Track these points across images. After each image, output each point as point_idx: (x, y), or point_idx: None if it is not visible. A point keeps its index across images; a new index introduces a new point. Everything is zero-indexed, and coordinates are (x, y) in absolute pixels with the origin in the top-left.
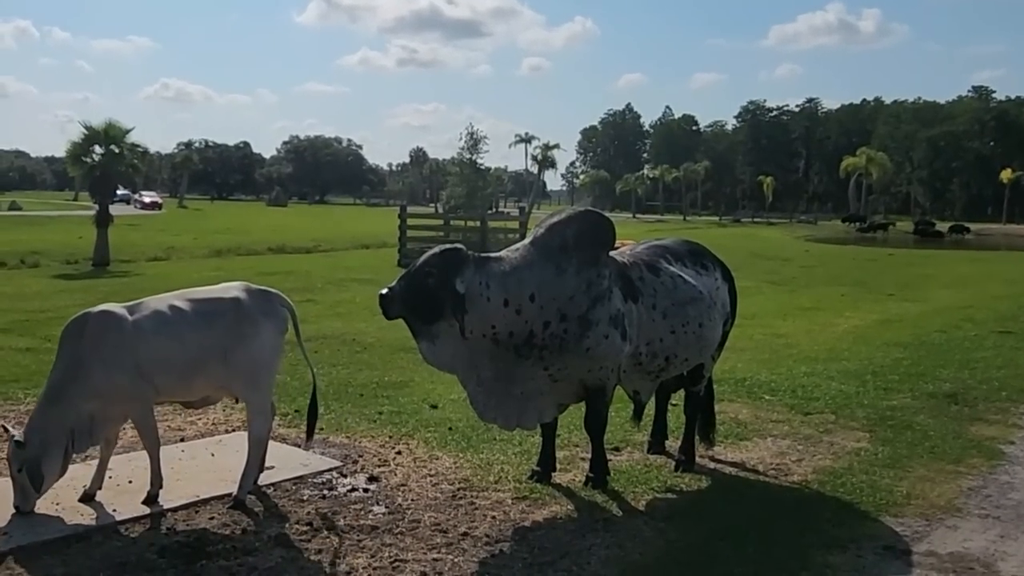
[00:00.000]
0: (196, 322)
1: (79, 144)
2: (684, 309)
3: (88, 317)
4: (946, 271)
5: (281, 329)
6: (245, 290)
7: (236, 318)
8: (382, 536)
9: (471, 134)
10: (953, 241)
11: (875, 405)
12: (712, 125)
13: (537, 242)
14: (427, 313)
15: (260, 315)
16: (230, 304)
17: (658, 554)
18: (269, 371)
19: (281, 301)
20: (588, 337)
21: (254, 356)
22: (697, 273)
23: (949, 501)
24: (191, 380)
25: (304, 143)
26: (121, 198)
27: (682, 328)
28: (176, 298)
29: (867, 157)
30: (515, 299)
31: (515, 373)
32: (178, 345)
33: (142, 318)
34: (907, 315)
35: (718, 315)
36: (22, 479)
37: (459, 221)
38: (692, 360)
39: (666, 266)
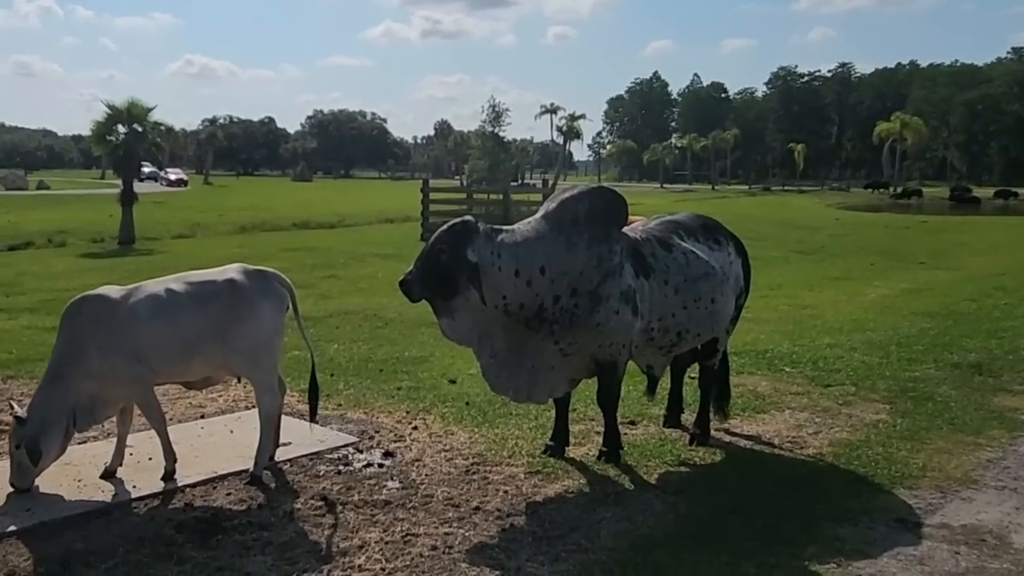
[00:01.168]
0: (191, 304)
1: (102, 123)
2: (696, 285)
3: (85, 300)
4: (980, 238)
5: (279, 309)
6: (242, 271)
7: (232, 299)
8: (395, 511)
9: (493, 107)
10: (1000, 207)
11: (897, 376)
12: (742, 92)
13: (549, 216)
14: (445, 289)
15: (257, 295)
16: (225, 285)
17: (668, 527)
18: (269, 350)
19: (279, 280)
20: (598, 312)
21: (252, 336)
22: (710, 248)
23: (966, 473)
24: (188, 362)
25: (328, 117)
26: (149, 175)
27: (694, 304)
28: (173, 281)
29: (902, 122)
30: (526, 270)
31: (526, 346)
32: (173, 328)
33: (137, 301)
34: (937, 284)
35: (730, 290)
36: (20, 456)
37: (482, 194)
38: (704, 335)
39: (678, 242)
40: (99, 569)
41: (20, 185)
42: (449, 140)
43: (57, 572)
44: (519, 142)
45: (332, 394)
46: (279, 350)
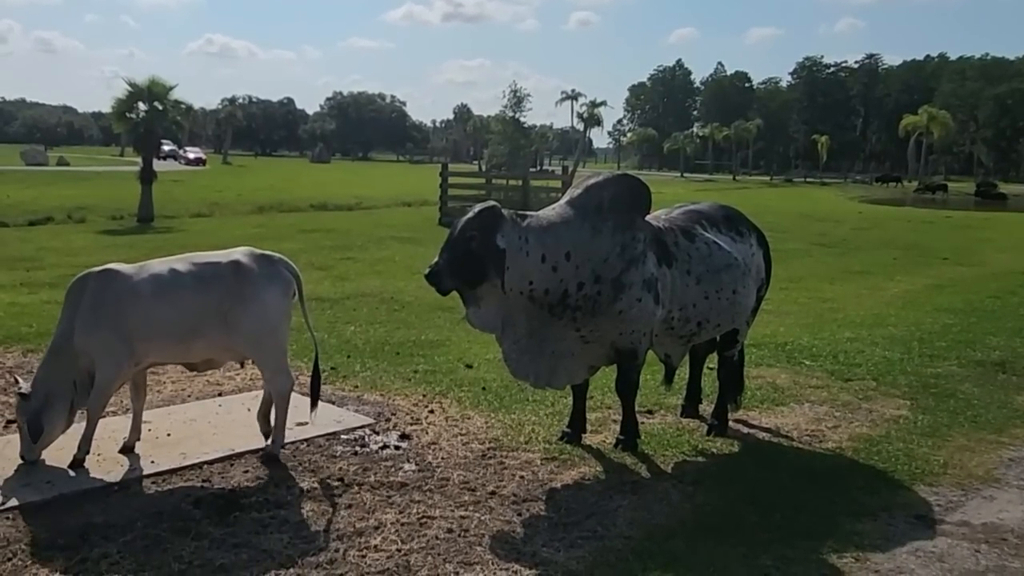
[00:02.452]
0: (193, 285)
1: (123, 101)
2: (718, 275)
3: (89, 276)
4: (1006, 234)
5: (285, 293)
6: (248, 255)
7: (236, 281)
8: (411, 493)
9: (514, 92)
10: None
11: (919, 372)
12: (766, 82)
13: (574, 202)
14: (474, 277)
15: (261, 278)
16: (229, 267)
17: (684, 517)
18: (275, 334)
19: (285, 266)
20: (621, 300)
21: (256, 319)
22: (732, 239)
23: (988, 471)
24: (190, 342)
25: (348, 99)
26: (168, 154)
27: (716, 294)
28: (178, 261)
29: (928, 116)
30: (552, 255)
31: (548, 332)
32: (174, 308)
33: (141, 280)
34: (961, 280)
35: (752, 282)
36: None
37: (501, 180)
38: (724, 326)
39: (701, 232)
40: (117, 542)
41: (40, 161)
42: (468, 125)
43: (76, 544)
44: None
45: (349, 375)
46: (286, 333)
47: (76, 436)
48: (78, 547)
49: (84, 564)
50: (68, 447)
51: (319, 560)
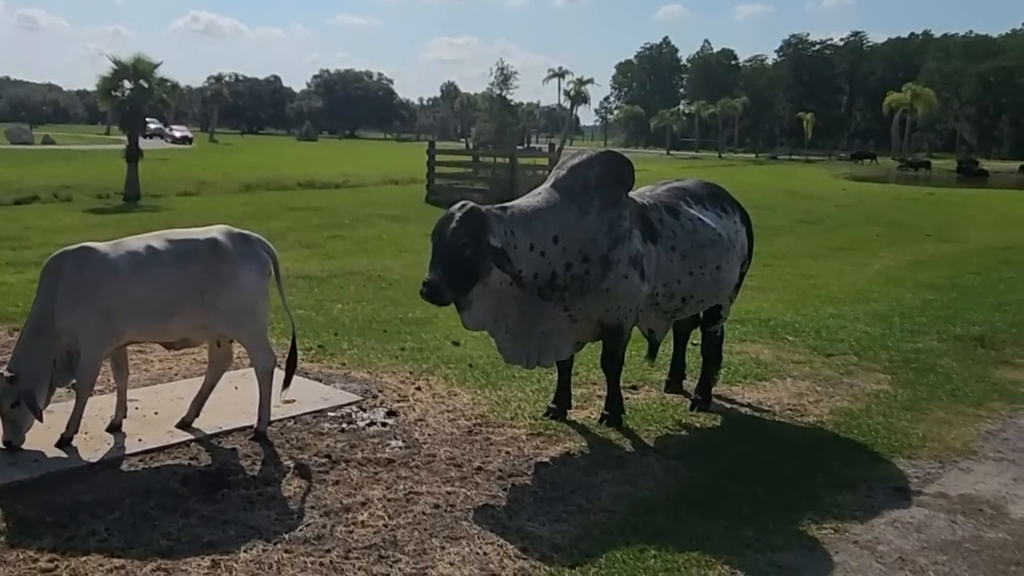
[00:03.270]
0: (170, 263)
1: (108, 79)
2: (703, 251)
3: (65, 254)
4: (987, 211)
5: (261, 272)
6: (225, 233)
7: (213, 260)
8: (398, 469)
9: (501, 69)
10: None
11: (900, 347)
12: (752, 60)
13: (559, 184)
14: (469, 283)
15: (238, 257)
16: (206, 245)
17: (668, 491)
18: (253, 312)
19: (262, 245)
20: (608, 277)
21: (233, 298)
22: (717, 216)
23: (965, 444)
24: (167, 320)
25: (335, 77)
26: (154, 132)
27: (700, 270)
28: (154, 238)
29: (913, 93)
30: (540, 242)
31: (536, 315)
32: (152, 286)
33: (118, 257)
34: (943, 256)
35: (736, 258)
36: (14, 414)
37: (488, 158)
38: (708, 301)
39: (686, 208)
40: (105, 520)
41: (25, 139)
42: (455, 102)
43: (65, 522)
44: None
45: (336, 353)
46: (265, 312)
47: (64, 415)
48: (66, 525)
49: (72, 542)
50: (56, 426)
51: (306, 536)
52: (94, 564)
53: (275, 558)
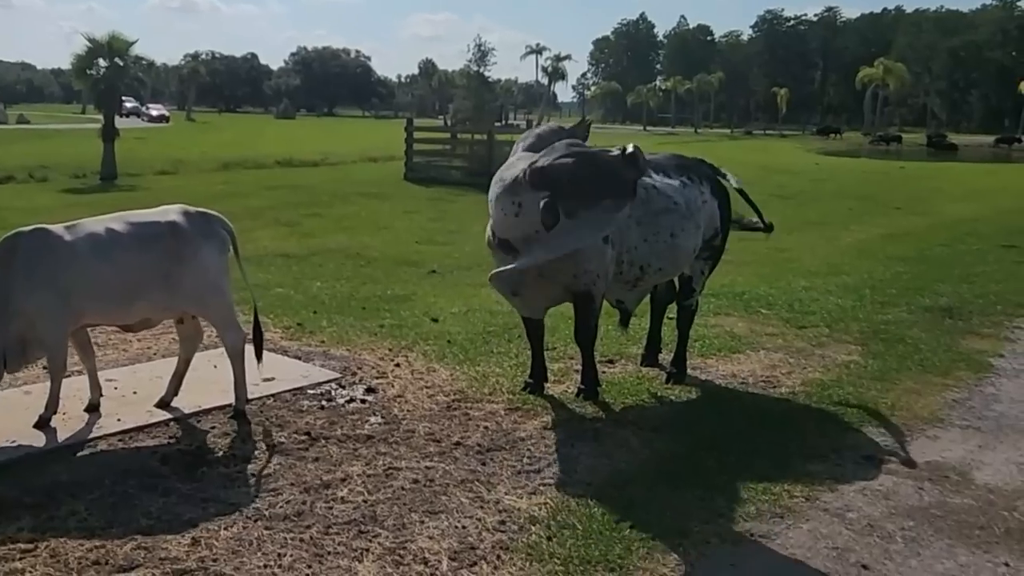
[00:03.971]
0: (133, 245)
1: (83, 57)
2: (657, 219)
3: (20, 235)
4: (956, 184)
5: (222, 250)
6: (184, 213)
7: (174, 241)
8: (377, 445)
9: (479, 46)
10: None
11: (870, 319)
12: (727, 35)
13: (533, 149)
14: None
15: (199, 237)
16: (167, 227)
17: (643, 463)
18: (217, 291)
19: (221, 223)
20: None
21: (196, 279)
22: (682, 184)
23: (933, 412)
24: (130, 304)
25: (312, 54)
26: (131, 111)
27: (654, 237)
28: (113, 220)
29: (885, 68)
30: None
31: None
32: (114, 268)
33: (78, 239)
34: (913, 229)
35: (694, 227)
36: None
37: (466, 135)
38: (667, 270)
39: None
40: (85, 499)
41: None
42: (434, 79)
43: (44, 503)
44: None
45: (315, 331)
46: (228, 289)
47: (42, 397)
48: (45, 505)
49: (52, 522)
50: (34, 407)
51: (286, 512)
52: (74, 544)
53: (255, 535)
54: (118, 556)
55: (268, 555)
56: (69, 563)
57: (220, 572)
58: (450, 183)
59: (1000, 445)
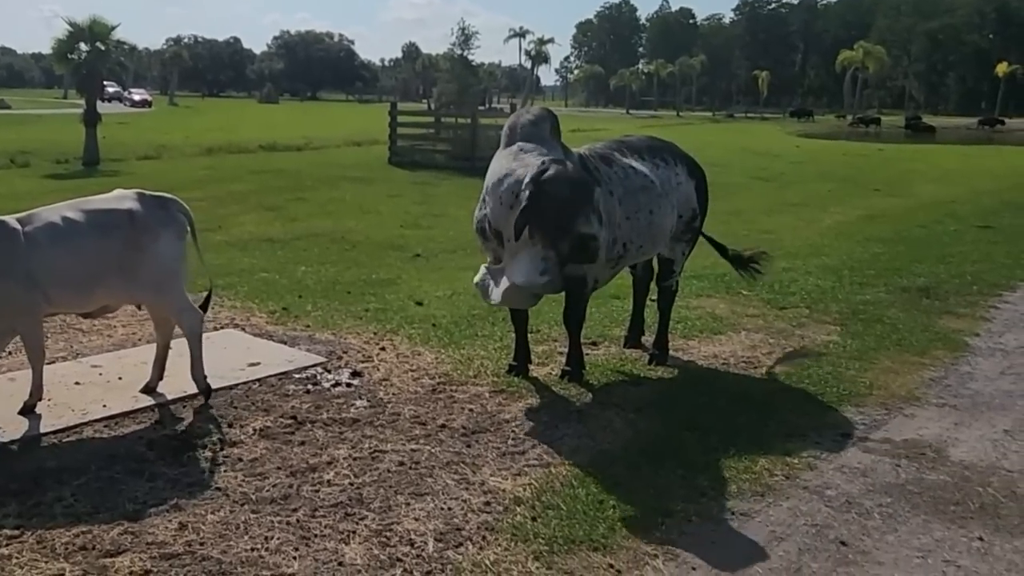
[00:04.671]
0: (91, 233)
1: (64, 41)
2: (635, 196)
3: None
4: (933, 166)
5: (180, 235)
6: (140, 198)
7: (132, 228)
8: (363, 428)
9: (463, 30)
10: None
11: (849, 300)
12: (709, 19)
13: (533, 137)
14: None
15: (157, 223)
16: (125, 214)
17: (626, 443)
18: (174, 277)
19: (178, 207)
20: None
21: (155, 265)
22: (654, 166)
23: (910, 391)
24: (90, 292)
25: (295, 38)
26: (113, 96)
27: (635, 214)
28: (69, 208)
29: (864, 51)
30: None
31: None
32: (75, 257)
33: (36, 229)
34: (891, 210)
35: (670, 205)
36: None
37: (450, 118)
38: (646, 248)
39: (619, 158)
40: (71, 485)
41: None
42: (417, 63)
43: (30, 489)
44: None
45: (300, 315)
46: (184, 274)
47: (27, 383)
48: (31, 492)
49: (38, 508)
50: (19, 394)
51: (273, 496)
52: (60, 529)
53: (242, 519)
54: (105, 541)
55: (255, 538)
56: (56, 549)
57: (207, 556)
58: (434, 167)
59: (975, 422)
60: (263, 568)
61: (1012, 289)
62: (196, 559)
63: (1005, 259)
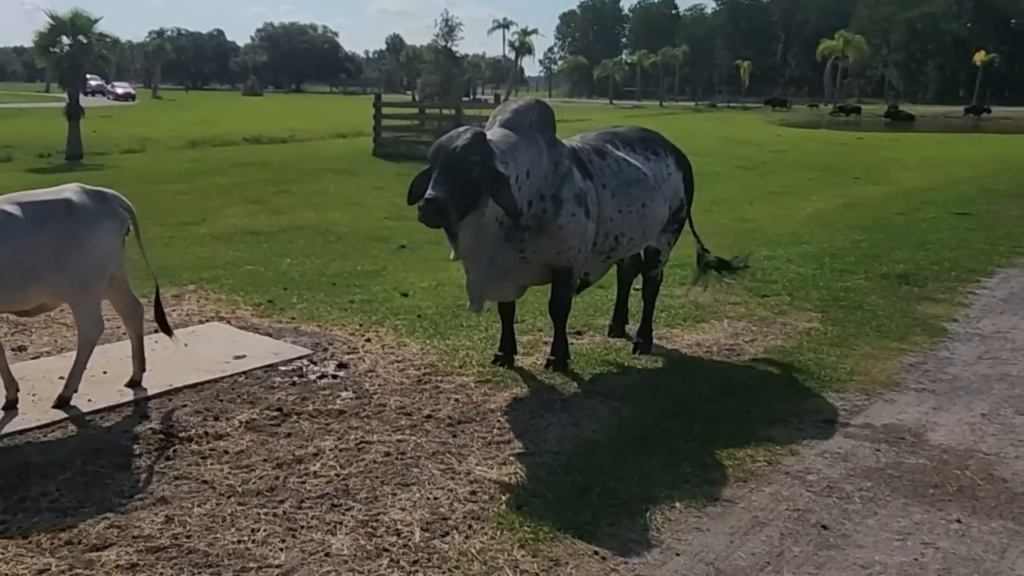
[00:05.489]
0: (27, 227)
1: (46, 35)
2: (628, 189)
3: None
4: (912, 154)
5: (119, 230)
6: (80, 192)
7: (70, 220)
8: (349, 420)
9: (446, 21)
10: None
11: (830, 287)
12: (692, 9)
13: (509, 124)
14: (470, 207)
15: (95, 216)
16: (62, 206)
17: (611, 431)
18: (102, 275)
19: (119, 202)
20: (560, 216)
21: (88, 260)
22: (646, 158)
23: (889, 376)
24: (25, 288)
25: (279, 30)
26: (95, 89)
27: (628, 207)
28: (4, 202)
29: (844, 40)
30: (521, 175)
31: (496, 255)
32: (10, 251)
33: None
34: (870, 198)
35: (662, 198)
36: None
37: (434, 110)
38: (637, 240)
39: (612, 150)
40: (56, 480)
41: None
42: (401, 55)
43: (15, 484)
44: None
45: (286, 308)
46: (108, 276)
47: (19, 378)
48: (16, 487)
49: (23, 503)
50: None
51: (259, 488)
52: (46, 524)
53: (228, 511)
54: (91, 535)
55: (242, 531)
56: (41, 543)
57: (193, 549)
58: (419, 158)
59: (953, 407)
60: (250, 560)
61: (989, 275)
62: (182, 552)
63: (982, 245)
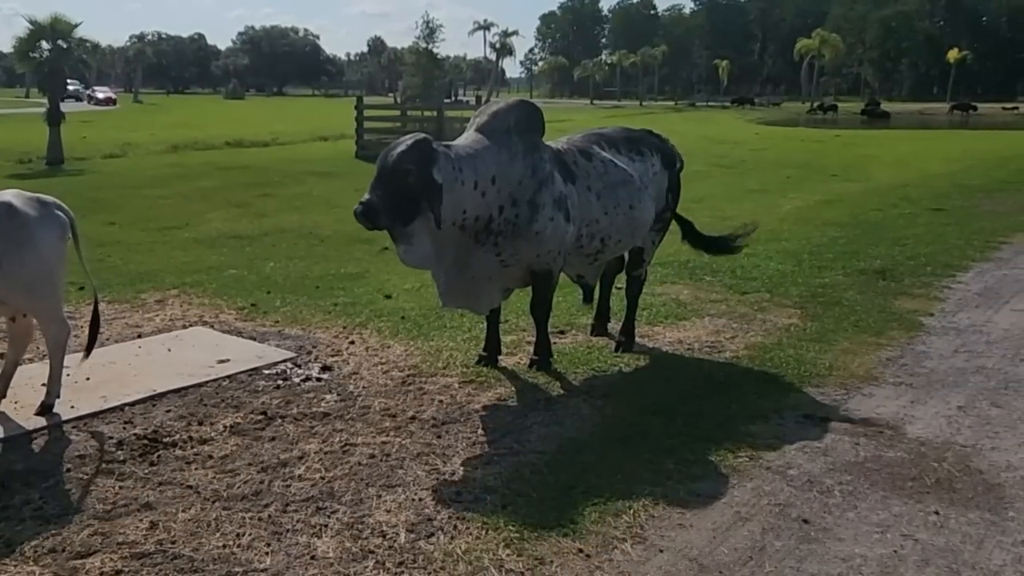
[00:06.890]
0: None
1: (25, 40)
2: (615, 191)
3: None
4: (888, 151)
5: (59, 237)
6: (19, 197)
7: (9, 227)
8: (333, 422)
9: (427, 23)
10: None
11: (808, 283)
12: (670, 9)
13: (484, 128)
14: (409, 213)
15: (33, 223)
16: (2, 211)
17: (594, 429)
18: (50, 280)
19: (58, 207)
20: (537, 221)
21: (31, 267)
22: (631, 159)
23: (868, 371)
24: None
25: (260, 33)
26: (74, 94)
27: (614, 209)
28: None
29: (821, 39)
30: (483, 182)
31: (470, 259)
32: None
33: None
34: (848, 195)
35: (649, 199)
36: None
37: (416, 112)
38: (625, 242)
39: (598, 151)
40: (39, 488)
41: None
42: (383, 57)
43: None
44: (453, 59)
45: (269, 311)
46: (62, 279)
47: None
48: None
49: (6, 511)
50: None
51: (244, 492)
52: (30, 532)
53: (213, 516)
54: (75, 543)
55: (227, 535)
56: (25, 552)
57: (178, 554)
58: None
59: (930, 400)
60: (235, 565)
61: (964, 269)
62: (167, 558)
63: (957, 240)
